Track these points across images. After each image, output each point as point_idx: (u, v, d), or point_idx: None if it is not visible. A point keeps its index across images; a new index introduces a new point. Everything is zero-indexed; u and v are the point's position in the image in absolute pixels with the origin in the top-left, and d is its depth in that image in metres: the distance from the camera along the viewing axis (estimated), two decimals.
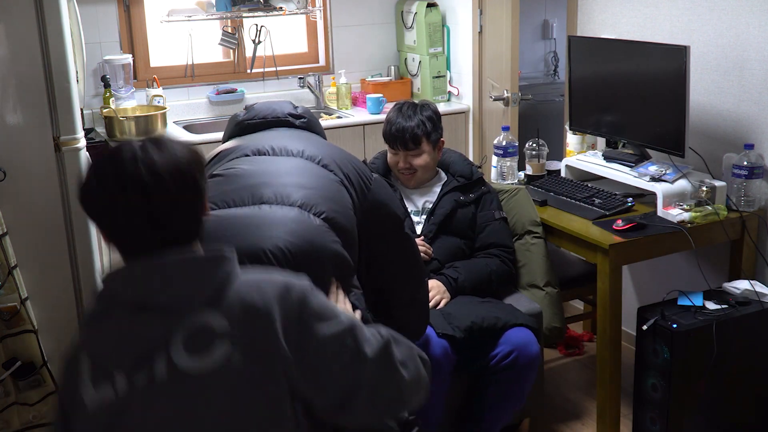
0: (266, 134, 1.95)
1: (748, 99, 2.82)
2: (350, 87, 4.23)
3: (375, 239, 1.86)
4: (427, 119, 2.72)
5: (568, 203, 2.94)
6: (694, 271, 2.89)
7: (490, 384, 2.49)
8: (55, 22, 2.38)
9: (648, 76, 2.83)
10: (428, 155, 2.74)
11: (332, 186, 1.77)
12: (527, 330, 2.49)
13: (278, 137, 1.91)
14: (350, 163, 1.90)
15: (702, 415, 2.59)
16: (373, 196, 1.88)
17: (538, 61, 5.27)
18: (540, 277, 2.77)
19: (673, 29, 3.04)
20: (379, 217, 1.89)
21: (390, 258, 1.93)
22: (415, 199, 2.80)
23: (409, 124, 2.69)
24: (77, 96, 2.50)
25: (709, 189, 2.73)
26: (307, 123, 2.04)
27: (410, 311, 2.03)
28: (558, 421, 2.98)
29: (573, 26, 3.51)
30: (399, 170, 2.77)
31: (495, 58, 3.78)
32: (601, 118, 3.08)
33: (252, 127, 2.00)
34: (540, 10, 5.15)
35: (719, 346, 2.48)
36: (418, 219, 2.75)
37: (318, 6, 4.28)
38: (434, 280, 2.61)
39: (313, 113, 2.12)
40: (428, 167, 2.76)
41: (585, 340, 3.54)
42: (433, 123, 2.74)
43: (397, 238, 1.94)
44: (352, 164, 1.90)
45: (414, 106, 2.75)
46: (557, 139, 3.82)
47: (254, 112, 2.03)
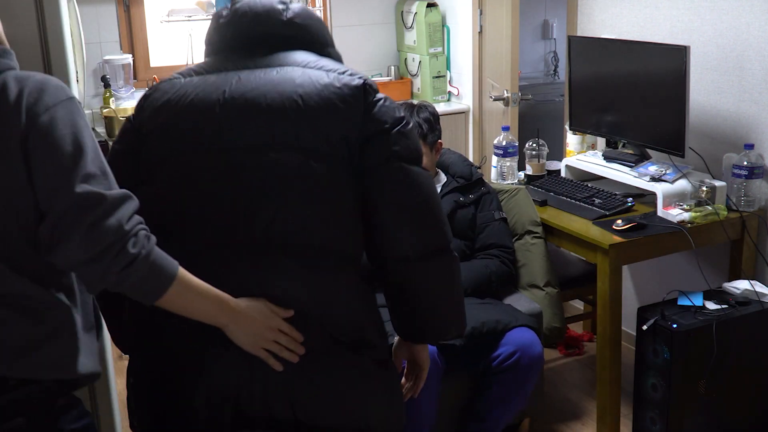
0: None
1: (748, 99, 2.82)
2: None
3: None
4: (424, 121, 2.70)
5: (568, 203, 2.94)
6: (694, 271, 2.89)
7: (492, 384, 2.49)
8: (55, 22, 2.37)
9: (648, 76, 2.83)
10: (425, 157, 2.72)
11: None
12: (530, 331, 2.49)
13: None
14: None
15: (702, 415, 2.59)
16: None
17: (538, 61, 5.27)
18: (540, 277, 2.77)
19: (673, 29, 3.04)
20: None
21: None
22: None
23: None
24: (77, 96, 2.50)
25: (709, 189, 2.73)
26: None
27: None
28: (558, 421, 2.98)
29: (573, 26, 3.51)
30: None
31: (495, 58, 3.78)
32: (601, 118, 3.08)
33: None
34: (540, 10, 5.15)
35: (719, 346, 2.48)
36: None
37: (318, 6, 4.28)
38: None
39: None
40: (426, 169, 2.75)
41: (585, 340, 3.55)
42: (430, 124, 2.72)
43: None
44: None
45: (411, 108, 2.73)
46: (557, 139, 3.82)
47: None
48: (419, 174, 1.57)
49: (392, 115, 1.57)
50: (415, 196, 1.55)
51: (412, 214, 1.55)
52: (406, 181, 1.54)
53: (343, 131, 1.52)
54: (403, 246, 1.54)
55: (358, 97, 1.55)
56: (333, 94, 1.53)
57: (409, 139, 1.58)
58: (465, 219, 2.73)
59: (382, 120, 1.55)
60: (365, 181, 1.53)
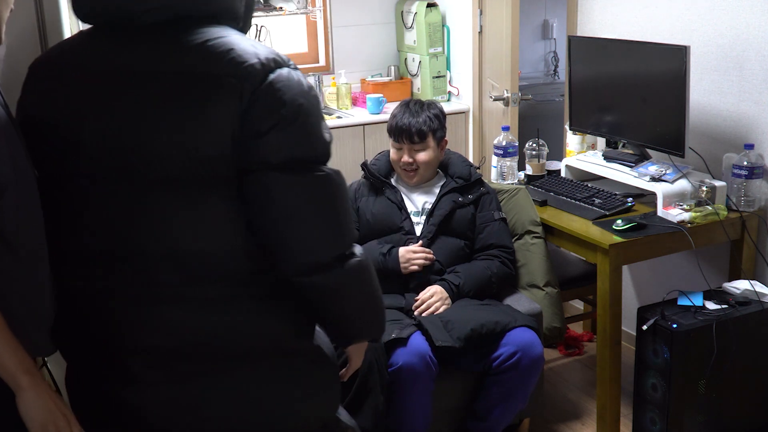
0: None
1: (748, 99, 2.82)
2: (350, 87, 4.24)
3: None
4: (434, 116, 2.74)
5: (568, 203, 2.94)
6: (694, 271, 2.89)
7: (493, 385, 2.49)
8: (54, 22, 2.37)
9: (648, 76, 2.83)
10: (432, 152, 2.75)
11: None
12: (531, 331, 2.49)
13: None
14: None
15: (702, 415, 2.59)
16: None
17: (538, 61, 5.27)
18: (540, 277, 2.77)
19: (673, 29, 3.04)
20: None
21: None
22: (415, 200, 2.79)
23: (416, 119, 2.71)
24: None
25: (709, 189, 2.73)
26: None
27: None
28: (558, 421, 2.98)
29: (573, 26, 3.51)
30: (401, 166, 2.76)
31: (495, 58, 3.78)
32: (601, 118, 3.08)
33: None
34: (540, 10, 5.15)
35: (719, 346, 2.48)
36: (417, 219, 2.75)
37: (318, 6, 4.28)
38: (436, 285, 2.61)
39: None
40: (431, 164, 2.76)
41: (585, 340, 3.55)
42: (440, 121, 2.76)
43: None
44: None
45: (421, 104, 2.78)
46: (557, 139, 3.82)
47: None
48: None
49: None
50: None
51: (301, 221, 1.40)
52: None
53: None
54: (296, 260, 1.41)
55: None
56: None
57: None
58: (464, 219, 2.74)
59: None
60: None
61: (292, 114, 1.35)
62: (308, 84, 1.42)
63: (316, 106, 1.41)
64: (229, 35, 1.39)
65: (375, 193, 2.80)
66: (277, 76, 1.35)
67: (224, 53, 1.34)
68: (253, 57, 1.36)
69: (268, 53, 1.39)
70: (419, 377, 2.36)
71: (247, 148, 1.33)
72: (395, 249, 2.64)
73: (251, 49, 1.37)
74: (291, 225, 1.38)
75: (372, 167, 2.84)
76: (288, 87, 1.36)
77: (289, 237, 1.38)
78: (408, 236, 2.71)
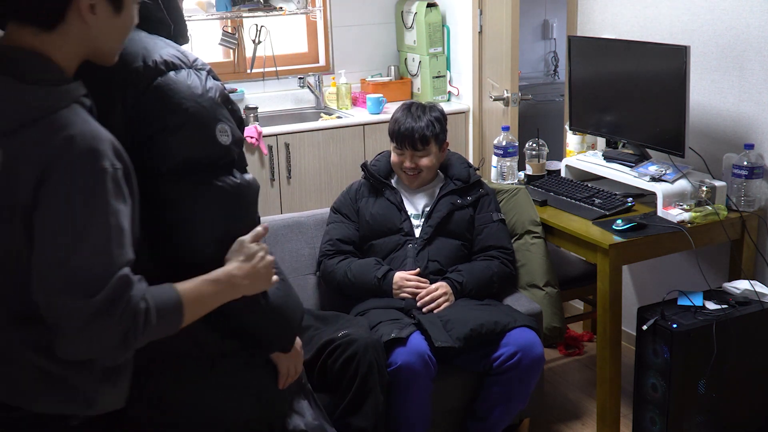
0: None
1: (748, 99, 2.82)
2: (350, 87, 4.23)
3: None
4: (435, 120, 2.74)
5: (568, 203, 2.94)
6: (694, 271, 2.89)
7: (493, 385, 2.49)
8: None
9: (648, 76, 2.83)
10: (434, 156, 2.75)
11: None
12: (531, 331, 2.49)
13: None
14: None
15: (702, 415, 2.59)
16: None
17: (538, 61, 5.27)
18: (540, 277, 2.77)
19: (673, 29, 3.04)
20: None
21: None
22: (416, 202, 2.80)
23: (418, 124, 2.71)
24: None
25: (709, 189, 2.73)
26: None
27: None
28: (558, 421, 2.98)
29: (573, 26, 3.51)
30: (403, 170, 2.76)
31: (495, 58, 3.78)
32: (601, 118, 3.08)
33: None
34: (540, 10, 5.15)
35: (719, 346, 2.48)
36: (417, 222, 2.75)
37: (318, 6, 4.28)
38: (441, 282, 2.61)
39: None
40: (433, 168, 2.77)
41: (585, 340, 3.54)
42: (441, 124, 2.76)
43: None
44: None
45: (422, 107, 2.77)
46: (557, 139, 3.82)
47: None
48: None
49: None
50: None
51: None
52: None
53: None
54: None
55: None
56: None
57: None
58: (462, 221, 2.74)
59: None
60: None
61: (179, 119, 1.35)
62: (205, 87, 1.40)
63: (210, 109, 1.39)
64: (134, 38, 1.39)
65: (375, 194, 2.80)
66: (164, 79, 1.35)
67: (119, 59, 1.35)
68: (138, 60, 1.36)
69: (167, 55, 1.38)
70: (418, 377, 2.36)
71: (138, 154, 1.33)
72: (391, 273, 2.63)
73: (142, 51, 1.37)
74: (180, 233, 1.38)
75: (372, 168, 2.84)
76: (174, 91, 1.35)
77: (177, 245, 1.39)
78: (407, 237, 2.71)
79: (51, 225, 1.18)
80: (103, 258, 1.19)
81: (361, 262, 2.70)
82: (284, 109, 4.25)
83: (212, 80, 1.43)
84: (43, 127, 1.19)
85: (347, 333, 2.34)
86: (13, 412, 1.30)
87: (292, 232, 2.85)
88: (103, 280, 1.18)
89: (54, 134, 1.19)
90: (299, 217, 2.92)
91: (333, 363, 2.30)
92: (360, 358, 2.27)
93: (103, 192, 1.19)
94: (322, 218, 2.90)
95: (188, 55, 1.42)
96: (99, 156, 1.20)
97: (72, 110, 1.23)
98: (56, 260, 1.17)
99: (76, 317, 1.17)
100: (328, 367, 2.32)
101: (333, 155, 3.86)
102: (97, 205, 1.19)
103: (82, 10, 1.23)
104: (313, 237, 2.87)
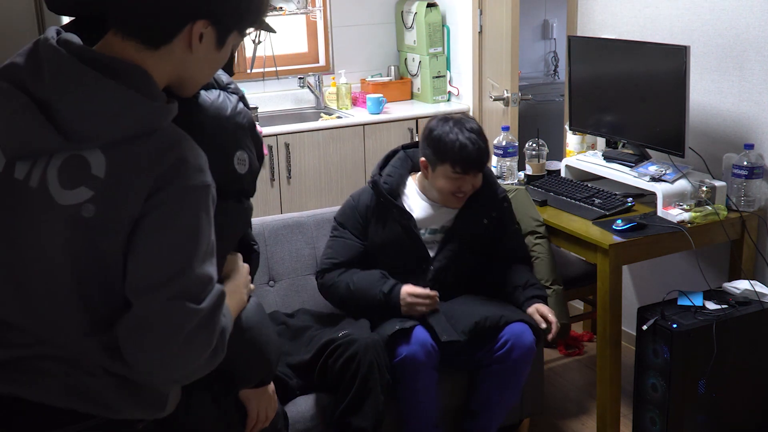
0: None
1: (748, 99, 2.82)
2: (350, 87, 4.24)
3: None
4: (480, 131, 2.56)
5: (568, 203, 2.93)
6: (694, 271, 2.89)
7: (486, 377, 2.48)
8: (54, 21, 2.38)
9: (648, 76, 2.83)
10: (477, 179, 2.57)
11: None
12: (523, 324, 2.47)
13: None
14: None
15: (702, 415, 2.59)
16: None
17: (538, 61, 5.27)
18: (546, 276, 2.77)
19: (673, 29, 3.04)
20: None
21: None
22: (436, 217, 2.60)
23: (477, 146, 2.48)
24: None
25: (709, 189, 2.73)
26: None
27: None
28: (558, 421, 2.98)
29: (573, 26, 3.51)
30: (455, 194, 2.53)
31: (495, 58, 3.78)
32: (601, 118, 3.08)
33: None
34: (540, 10, 5.16)
35: (719, 346, 2.48)
36: (434, 237, 2.59)
37: (318, 6, 4.28)
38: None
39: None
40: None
41: (585, 340, 3.55)
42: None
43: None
44: None
45: (460, 122, 2.54)
46: (557, 139, 3.82)
47: None
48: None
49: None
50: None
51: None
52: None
53: None
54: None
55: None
56: None
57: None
58: (484, 236, 2.62)
59: None
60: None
61: (197, 137, 1.31)
62: (235, 110, 1.41)
63: (233, 133, 1.41)
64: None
65: (385, 215, 2.59)
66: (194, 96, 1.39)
67: None
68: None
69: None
70: (423, 366, 2.35)
71: None
72: (397, 287, 2.47)
73: None
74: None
75: (384, 187, 2.59)
76: (200, 109, 1.37)
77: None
78: (421, 259, 2.57)
79: (165, 234, 1.18)
80: (208, 269, 1.21)
81: (365, 274, 2.54)
82: (284, 109, 4.25)
83: (242, 106, 1.43)
84: (157, 141, 1.19)
85: (348, 333, 2.34)
86: (85, 421, 1.28)
87: (292, 232, 2.84)
88: (208, 290, 1.20)
89: (168, 149, 1.19)
90: (299, 217, 2.91)
91: (333, 363, 2.30)
92: (360, 358, 2.27)
93: (207, 206, 1.22)
94: (322, 218, 2.89)
95: (223, 77, 1.43)
96: (205, 172, 1.22)
97: (175, 127, 1.23)
98: (175, 267, 1.18)
99: (189, 321, 1.17)
100: (328, 367, 2.32)
101: (333, 155, 3.87)
102: (204, 218, 1.21)
103: (193, 37, 1.23)
104: (313, 237, 2.86)
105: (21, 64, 1.21)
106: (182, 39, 1.23)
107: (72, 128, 1.17)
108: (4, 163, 1.22)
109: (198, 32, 1.23)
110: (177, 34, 1.22)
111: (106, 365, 1.25)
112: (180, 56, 1.24)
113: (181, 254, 1.19)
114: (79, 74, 1.17)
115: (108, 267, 1.21)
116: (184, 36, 1.23)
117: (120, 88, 1.17)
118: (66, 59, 1.17)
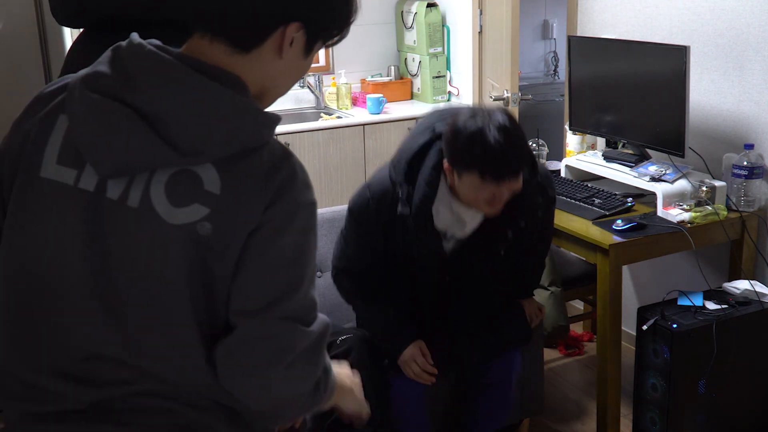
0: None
1: (748, 99, 2.82)
2: (350, 87, 4.24)
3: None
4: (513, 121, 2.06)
5: (568, 203, 2.93)
6: (694, 271, 2.89)
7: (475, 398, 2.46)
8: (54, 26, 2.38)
9: (648, 76, 2.83)
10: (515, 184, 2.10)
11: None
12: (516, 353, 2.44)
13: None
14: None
15: (702, 415, 2.59)
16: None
17: (538, 61, 5.27)
18: (545, 277, 2.77)
19: (673, 29, 3.04)
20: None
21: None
22: (460, 224, 2.22)
23: (510, 150, 2.00)
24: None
25: (709, 189, 2.73)
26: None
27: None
28: (558, 421, 2.98)
29: (573, 26, 3.51)
30: (489, 203, 2.09)
31: (495, 58, 3.78)
32: (601, 118, 3.08)
33: None
34: (540, 10, 5.16)
35: (719, 346, 2.48)
36: (452, 246, 2.29)
37: None
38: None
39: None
40: None
41: (585, 340, 3.55)
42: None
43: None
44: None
45: (486, 113, 2.03)
46: (557, 139, 3.82)
47: None
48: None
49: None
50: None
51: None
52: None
53: None
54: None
55: None
56: None
57: None
58: (511, 241, 2.34)
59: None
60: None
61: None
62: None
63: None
64: None
65: (410, 227, 2.18)
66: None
67: None
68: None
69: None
70: (412, 415, 2.36)
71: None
72: (406, 349, 2.27)
73: None
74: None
75: (420, 209, 2.13)
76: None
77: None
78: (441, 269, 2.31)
79: (275, 251, 1.12)
80: (313, 292, 1.18)
81: (380, 319, 2.30)
82: (284, 109, 4.25)
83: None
84: (270, 154, 1.13)
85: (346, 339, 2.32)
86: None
87: None
88: (313, 315, 1.17)
89: (280, 163, 1.13)
90: None
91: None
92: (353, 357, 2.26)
93: (314, 226, 1.18)
94: (322, 218, 2.88)
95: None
96: (312, 189, 1.18)
97: (277, 139, 1.18)
98: (286, 287, 1.12)
99: (300, 342, 1.13)
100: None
101: (333, 155, 3.87)
102: (312, 238, 1.17)
103: (284, 41, 1.13)
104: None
105: (107, 73, 1.10)
106: (273, 42, 1.13)
107: (183, 141, 1.07)
108: (96, 182, 1.11)
109: (290, 36, 1.13)
110: (269, 36, 1.13)
111: (217, 397, 1.18)
112: (268, 62, 1.15)
113: (292, 273, 1.13)
114: (192, 83, 1.08)
115: (214, 290, 1.13)
116: (276, 39, 1.13)
117: (236, 98, 1.09)
118: (175, 66, 1.08)
